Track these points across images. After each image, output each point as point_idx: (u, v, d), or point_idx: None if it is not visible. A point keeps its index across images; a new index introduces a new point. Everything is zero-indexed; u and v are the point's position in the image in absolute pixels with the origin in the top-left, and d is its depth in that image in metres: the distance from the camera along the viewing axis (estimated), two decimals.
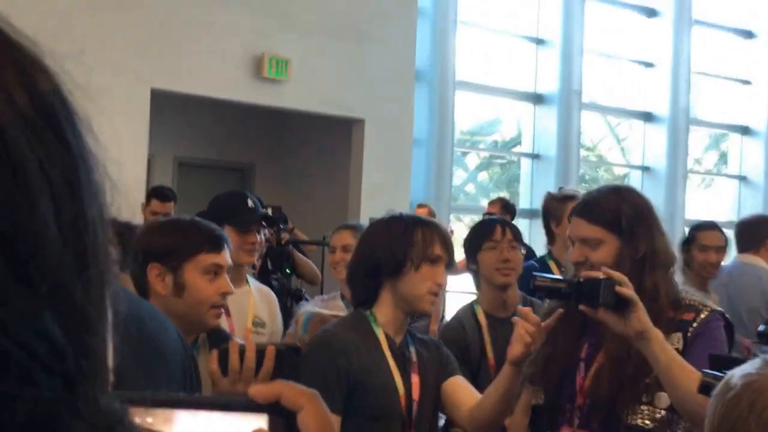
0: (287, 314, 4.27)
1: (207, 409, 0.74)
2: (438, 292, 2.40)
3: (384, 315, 2.41)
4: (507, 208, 6.85)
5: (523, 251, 3.37)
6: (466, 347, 3.18)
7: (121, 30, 6.53)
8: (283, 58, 7.41)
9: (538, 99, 9.79)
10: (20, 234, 0.39)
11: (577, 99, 9.77)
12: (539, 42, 9.80)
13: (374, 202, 7.88)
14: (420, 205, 6.81)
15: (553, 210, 4.08)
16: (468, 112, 9.91)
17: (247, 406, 0.75)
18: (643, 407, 2.23)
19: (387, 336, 2.40)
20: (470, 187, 10.56)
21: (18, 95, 0.41)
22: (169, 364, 1.81)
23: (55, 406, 0.40)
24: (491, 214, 6.72)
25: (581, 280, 2.17)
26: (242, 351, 1.93)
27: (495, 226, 3.35)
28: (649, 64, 10.69)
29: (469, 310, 3.34)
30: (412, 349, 2.44)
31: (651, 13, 10.70)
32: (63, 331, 0.40)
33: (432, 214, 6.60)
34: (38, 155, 0.40)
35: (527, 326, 2.16)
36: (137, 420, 0.53)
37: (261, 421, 0.75)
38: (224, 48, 7.13)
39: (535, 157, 9.80)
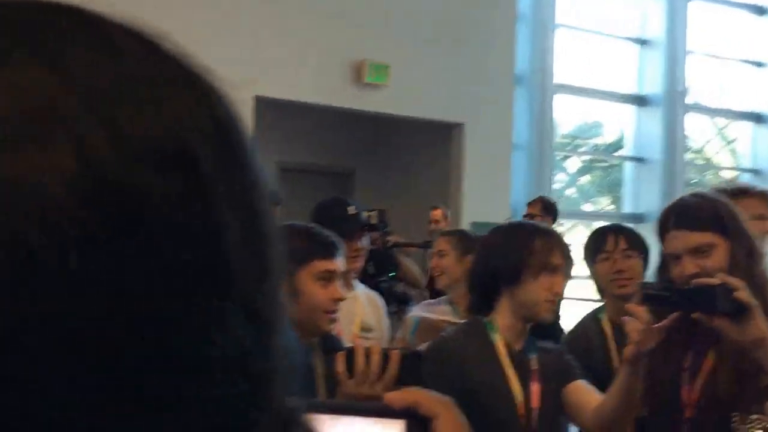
0: (396, 318, 4.29)
1: (347, 414, 0.77)
2: (556, 301, 2.38)
3: (503, 322, 2.40)
4: (547, 208, 6.57)
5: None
6: (590, 355, 3.09)
7: (224, 39, 6.68)
8: (383, 63, 7.46)
9: (641, 101, 9.61)
10: (213, 250, 0.42)
11: (682, 100, 9.55)
12: (642, 42, 9.62)
13: (474, 207, 7.86)
14: (434, 207, 6.62)
15: None
16: (568, 116, 9.79)
17: (385, 412, 0.77)
18: (753, 416, 2.16)
19: (506, 343, 2.39)
20: (571, 191, 10.41)
21: (204, 124, 0.44)
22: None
23: (243, 403, 0.43)
24: (531, 214, 6.41)
25: (692, 287, 2.13)
26: (367, 354, 1.96)
27: (606, 235, 3.22)
28: (758, 64, 10.37)
29: (593, 318, 3.26)
30: (533, 357, 2.42)
31: (760, 11, 10.38)
32: (249, 335, 0.44)
33: (445, 215, 6.46)
34: (224, 179, 0.44)
35: (636, 324, 2.13)
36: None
37: (398, 426, 0.77)
38: (325, 55, 7.22)
39: (638, 160, 9.61)
